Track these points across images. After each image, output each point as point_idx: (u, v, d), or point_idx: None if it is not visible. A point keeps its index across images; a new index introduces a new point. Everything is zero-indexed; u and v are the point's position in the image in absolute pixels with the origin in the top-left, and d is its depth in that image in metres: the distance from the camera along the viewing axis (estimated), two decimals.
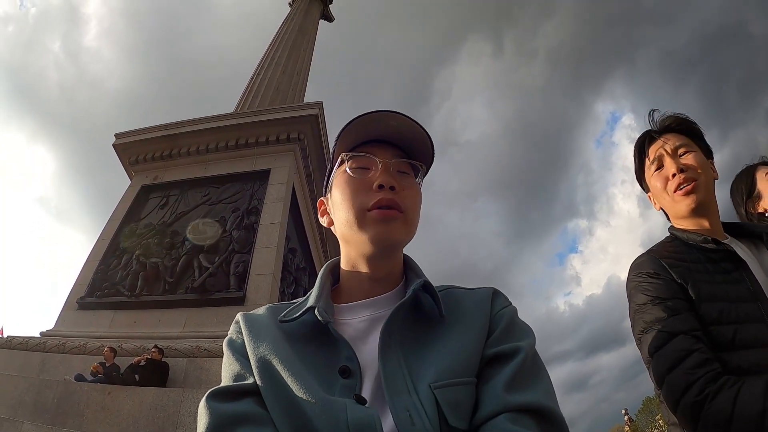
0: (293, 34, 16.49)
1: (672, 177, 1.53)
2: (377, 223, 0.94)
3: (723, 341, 1.26)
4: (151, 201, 10.29)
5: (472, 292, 1.01)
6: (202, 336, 7.30)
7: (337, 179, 1.02)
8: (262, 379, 0.84)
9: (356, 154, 1.00)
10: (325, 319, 0.89)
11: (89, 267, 9.16)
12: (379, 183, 0.95)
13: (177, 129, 11.05)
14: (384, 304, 0.96)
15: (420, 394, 0.80)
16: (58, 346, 7.44)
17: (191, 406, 5.33)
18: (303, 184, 11.16)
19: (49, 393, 5.68)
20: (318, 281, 1.01)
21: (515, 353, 0.85)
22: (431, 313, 0.95)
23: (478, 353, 0.87)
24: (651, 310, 1.37)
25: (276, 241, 8.68)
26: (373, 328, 0.92)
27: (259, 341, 0.90)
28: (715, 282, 1.36)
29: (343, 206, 0.98)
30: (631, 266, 1.54)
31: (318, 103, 11.05)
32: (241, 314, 1.00)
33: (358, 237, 0.96)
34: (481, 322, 0.92)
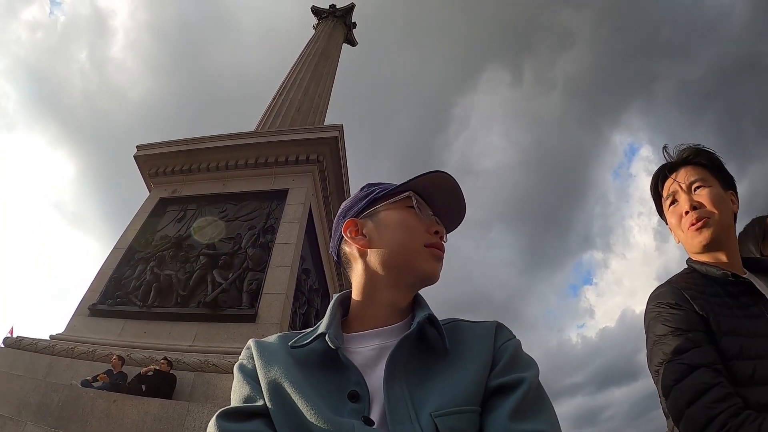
0: (316, 57, 16.70)
1: (685, 214, 1.53)
2: (433, 259, 1.05)
3: (742, 377, 1.25)
4: (168, 214, 10.37)
5: (476, 325, 1.03)
6: (212, 351, 7.30)
7: (395, 210, 1.08)
8: (272, 401, 0.87)
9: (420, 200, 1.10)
10: (335, 344, 0.92)
11: (103, 274, 9.20)
12: (437, 230, 1.08)
13: (198, 144, 11.19)
14: (392, 334, 0.99)
15: (421, 422, 0.82)
16: (67, 351, 7.46)
17: (196, 421, 5.30)
18: (320, 205, 11.20)
19: (54, 396, 5.66)
20: (329, 311, 1.04)
21: (520, 384, 0.87)
22: (436, 344, 0.97)
23: (481, 383, 0.89)
24: (671, 342, 1.35)
25: (290, 260, 8.68)
26: (382, 356, 0.94)
27: (270, 365, 0.93)
28: (735, 316, 1.35)
29: (404, 233, 1.05)
30: (651, 296, 1.52)
31: (338, 126, 11.12)
32: (252, 341, 1.04)
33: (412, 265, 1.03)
34: (485, 354, 0.94)
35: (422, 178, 1.09)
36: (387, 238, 1.05)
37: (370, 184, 1.18)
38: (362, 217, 1.11)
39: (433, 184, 1.11)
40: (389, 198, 1.10)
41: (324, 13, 19.87)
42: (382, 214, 1.09)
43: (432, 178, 1.10)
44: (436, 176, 1.10)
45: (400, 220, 1.06)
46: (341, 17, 19.93)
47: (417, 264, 1.03)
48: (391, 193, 1.11)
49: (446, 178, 1.10)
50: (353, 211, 1.13)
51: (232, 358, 6.87)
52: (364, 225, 1.10)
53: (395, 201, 1.09)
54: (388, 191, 1.11)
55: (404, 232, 1.05)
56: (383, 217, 1.08)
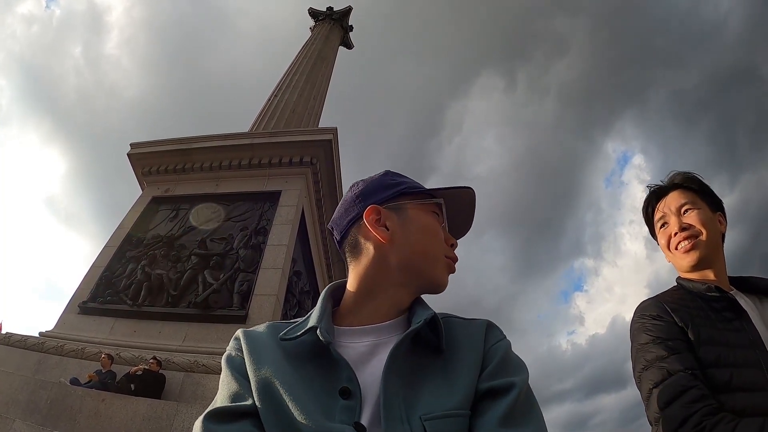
0: (312, 59, 16.71)
1: (674, 235, 1.63)
2: (446, 272, 1.06)
3: (719, 383, 1.32)
4: (160, 213, 10.36)
5: (468, 324, 1.02)
6: (201, 351, 7.30)
7: (423, 212, 1.08)
8: (262, 401, 0.85)
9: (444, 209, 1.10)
10: (326, 339, 0.90)
11: (94, 272, 9.18)
12: (453, 243, 1.11)
13: (191, 144, 11.18)
14: (387, 331, 0.97)
15: (412, 424, 0.81)
16: (56, 348, 7.44)
17: (185, 421, 5.30)
18: (313, 208, 11.22)
19: (43, 393, 5.66)
20: (320, 302, 1.03)
21: (510, 388, 0.86)
22: (430, 343, 0.96)
23: (472, 386, 0.88)
24: (652, 349, 1.44)
25: (282, 262, 8.70)
26: (376, 353, 0.93)
27: (261, 361, 0.91)
28: (716, 328, 1.43)
29: (430, 240, 1.05)
30: (636, 309, 1.61)
31: (333, 129, 11.16)
32: (241, 331, 1.02)
33: (430, 271, 1.04)
34: (476, 356, 0.93)
35: (454, 190, 1.11)
36: (412, 238, 1.03)
37: (393, 173, 1.16)
38: (386, 207, 1.07)
39: (456, 197, 1.12)
40: (418, 198, 1.09)
41: (321, 15, 19.88)
42: (410, 212, 1.07)
43: (460, 192, 1.12)
44: (465, 192, 1.12)
45: (428, 225, 1.06)
46: (338, 20, 19.95)
47: (434, 272, 1.04)
48: (421, 193, 1.10)
49: (470, 195, 1.13)
50: (376, 198, 1.09)
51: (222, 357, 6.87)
52: (389, 217, 1.05)
53: (424, 203, 1.09)
54: (419, 191, 1.11)
55: (431, 238, 1.05)
56: (411, 215, 1.06)
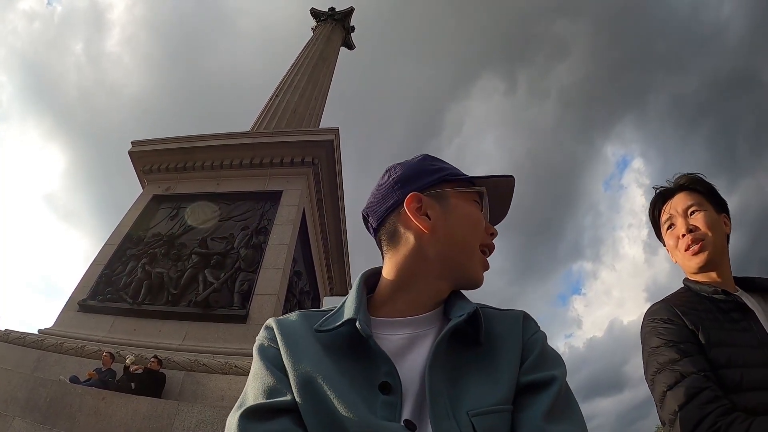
0: (314, 59, 16.70)
1: (682, 237, 1.65)
2: (482, 268, 1.03)
3: (730, 384, 1.33)
4: (161, 211, 10.35)
5: (503, 315, 1.00)
6: (202, 351, 7.30)
7: (465, 200, 1.05)
8: (303, 396, 0.81)
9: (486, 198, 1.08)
10: (366, 332, 0.87)
11: (94, 270, 9.17)
12: (494, 231, 1.07)
13: (193, 142, 11.18)
14: (425, 323, 0.95)
15: (459, 420, 0.79)
16: (56, 346, 7.42)
17: (185, 420, 5.29)
18: (314, 208, 11.22)
19: (42, 391, 5.63)
20: (354, 290, 0.99)
21: (551, 382, 0.86)
22: (469, 336, 0.93)
23: (513, 380, 0.87)
24: (665, 352, 1.45)
25: (283, 262, 8.70)
26: (414, 346, 0.91)
27: (299, 354, 0.88)
28: (725, 329, 1.45)
29: (470, 230, 1.02)
30: (646, 313, 1.62)
31: (334, 129, 11.15)
32: (273, 319, 0.98)
33: (466, 265, 1.01)
34: (515, 348, 0.92)
35: (496, 179, 1.08)
36: (453, 228, 1.00)
37: (432, 157, 1.13)
38: (427, 195, 1.03)
39: (497, 185, 1.09)
40: (460, 185, 1.06)
41: (323, 15, 19.87)
42: (452, 201, 1.03)
43: (500, 181, 1.09)
44: (505, 180, 1.09)
45: (469, 214, 1.03)
46: (340, 20, 19.94)
47: (471, 266, 1.01)
48: (463, 181, 1.07)
49: (510, 183, 1.10)
50: (416, 184, 1.05)
51: (222, 359, 6.90)
52: (430, 205, 1.02)
53: (466, 191, 1.05)
54: (462, 178, 1.07)
55: (471, 228, 1.02)
56: (454, 204, 1.03)
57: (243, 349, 7.24)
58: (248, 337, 7.56)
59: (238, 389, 6.27)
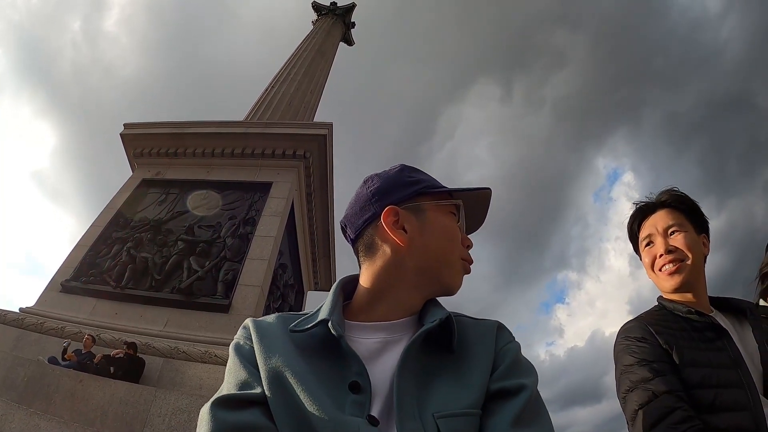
0: (312, 53, 16.62)
1: (659, 257, 1.64)
2: (461, 275, 1.06)
3: (704, 404, 1.35)
4: (150, 195, 10.27)
5: (477, 324, 1.01)
6: (182, 338, 7.27)
7: (441, 213, 1.06)
8: (272, 390, 0.84)
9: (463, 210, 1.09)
10: (338, 332, 0.89)
11: (78, 251, 9.10)
12: (469, 243, 1.09)
13: (185, 128, 11.11)
14: (399, 329, 0.97)
15: (424, 421, 0.81)
16: (36, 325, 7.36)
17: (162, 407, 5.29)
18: (303, 202, 11.19)
19: (20, 371, 5.61)
20: (331, 295, 1.01)
21: (521, 389, 0.87)
22: (441, 343, 0.95)
23: (483, 386, 0.88)
24: (637, 371, 1.46)
25: (269, 254, 8.68)
26: (386, 350, 0.93)
27: (271, 351, 0.90)
28: (699, 349, 1.46)
29: (447, 243, 1.04)
30: (620, 330, 1.63)
31: (328, 124, 11.13)
32: (250, 320, 1.00)
33: (445, 273, 1.03)
34: (487, 356, 0.93)
35: (473, 192, 1.09)
36: (430, 242, 1.01)
37: (410, 168, 1.13)
38: (404, 208, 1.04)
39: (474, 197, 1.10)
40: (437, 198, 1.07)
41: (324, 9, 19.77)
42: (428, 213, 1.04)
43: (479, 194, 1.10)
44: (484, 193, 1.10)
45: (446, 228, 1.04)
46: (341, 15, 19.87)
47: (449, 276, 1.03)
48: (440, 194, 1.08)
49: (486, 195, 1.11)
50: (393, 197, 1.05)
51: (203, 347, 6.88)
52: (407, 219, 1.03)
53: (443, 204, 1.07)
54: (439, 191, 1.08)
55: (448, 240, 1.03)
56: (430, 217, 1.04)
57: (224, 339, 7.21)
58: (230, 326, 7.55)
59: (216, 378, 6.26)
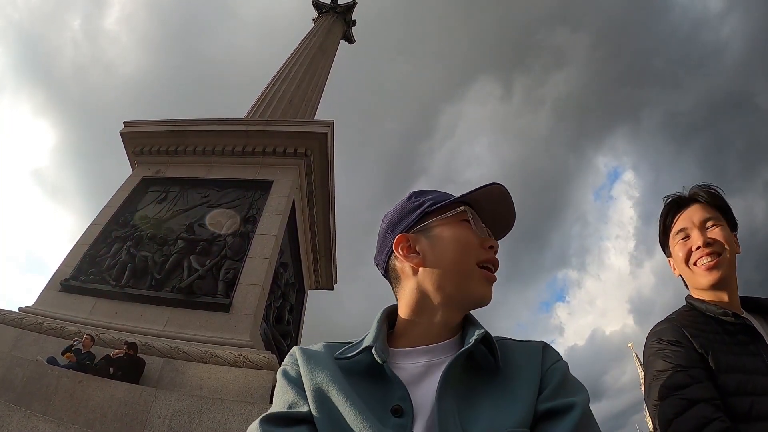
0: (313, 50, 16.59)
1: (696, 249, 1.56)
2: (485, 283, 1.01)
3: (740, 413, 1.29)
4: (150, 194, 10.24)
5: (523, 345, 1.01)
6: (183, 338, 7.22)
7: (450, 225, 1.05)
8: (317, 408, 0.86)
9: (474, 213, 1.06)
10: (382, 358, 0.90)
11: (78, 250, 9.05)
12: (492, 244, 1.04)
13: (186, 126, 11.06)
14: (441, 351, 0.97)
15: None
16: (35, 325, 7.33)
17: (162, 408, 5.25)
18: (303, 200, 11.15)
19: (18, 371, 5.57)
20: (375, 323, 1.03)
21: (570, 408, 0.85)
22: (486, 364, 0.95)
23: (530, 407, 0.87)
24: (672, 377, 1.39)
25: (269, 252, 8.63)
26: (429, 373, 0.92)
27: (316, 372, 0.92)
28: (733, 354, 1.39)
29: (459, 252, 1.01)
30: (651, 333, 1.56)
31: (329, 122, 11.07)
32: (297, 348, 1.02)
33: (463, 287, 1.00)
34: (534, 376, 0.92)
35: (477, 192, 1.06)
36: (442, 256, 1.01)
37: (417, 193, 1.14)
38: (414, 232, 1.06)
39: (486, 195, 1.07)
40: (443, 212, 1.06)
41: (325, 7, 19.74)
42: (436, 230, 1.05)
43: (488, 191, 1.07)
44: (493, 189, 1.06)
45: (455, 237, 1.03)
46: (342, 13, 19.84)
47: (470, 287, 1.00)
48: (444, 206, 1.07)
49: (500, 189, 1.07)
50: (403, 225, 1.08)
51: (204, 347, 6.85)
52: (417, 241, 1.05)
53: (449, 215, 1.06)
54: (442, 205, 1.07)
55: (459, 250, 1.01)
56: (438, 233, 1.04)
57: (224, 338, 7.21)
58: (230, 326, 7.53)
59: (217, 378, 6.23)
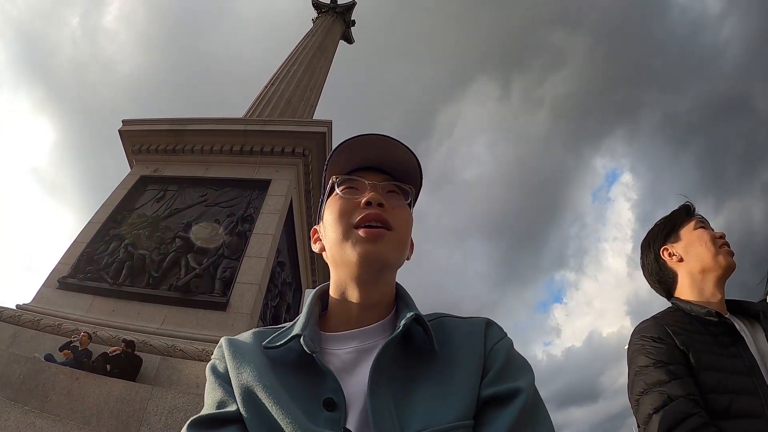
0: (312, 50, 16.62)
1: (719, 237, 1.68)
2: (364, 242, 0.91)
3: (718, 409, 1.34)
4: (148, 192, 10.26)
5: (464, 322, 0.97)
6: (180, 336, 7.25)
7: (328, 203, 1.01)
8: (245, 407, 0.82)
9: (347, 177, 1.00)
10: (311, 349, 0.86)
11: (76, 248, 9.08)
12: (367, 200, 0.94)
13: (184, 125, 11.09)
14: (372, 335, 0.92)
15: None
16: (32, 322, 7.35)
17: (158, 405, 5.26)
18: (301, 200, 11.18)
19: (16, 368, 5.57)
20: (306, 307, 0.98)
21: (515, 394, 0.81)
22: (422, 346, 0.91)
23: (472, 393, 0.83)
24: (653, 373, 1.44)
25: (267, 252, 8.66)
26: (361, 360, 0.89)
27: (243, 367, 0.88)
28: (715, 353, 1.44)
29: (332, 226, 0.96)
30: (635, 330, 1.61)
31: (327, 122, 11.08)
32: (224, 339, 0.98)
33: (345, 256, 0.93)
34: (475, 357, 0.88)
35: (333, 158, 1.01)
36: (328, 235, 0.98)
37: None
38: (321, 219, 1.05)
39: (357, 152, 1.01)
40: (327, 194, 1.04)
41: (324, 7, 19.78)
42: (324, 211, 1.02)
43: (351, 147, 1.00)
44: (354, 143, 1.00)
45: (330, 213, 0.98)
46: (341, 13, 19.88)
47: (347, 252, 0.92)
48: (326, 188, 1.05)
49: (366, 138, 1.00)
50: (318, 217, 1.09)
51: (200, 345, 6.86)
52: (321, 228, 1.04)
53: (328, 193, 1.03)
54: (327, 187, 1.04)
55: (333, 224, 0.96)
56: (324, 214, 1.02)
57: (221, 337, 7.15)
58: (227, 324, 7.55)
59: None
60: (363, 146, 1.00)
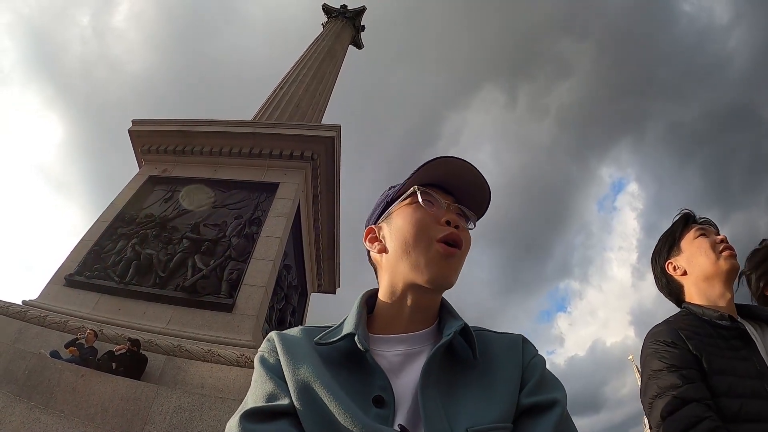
0: (322, 54, 16.63)
1: (719, 242, 1.70)
2: (441, 258, 0.97)
3: (729, 413, 1.35)
4: (156, 192, 10.27)
5: (502, 337, 1.03)
6: (185, 336, 7.24)
7: (404, 208, 1.05)
8: (301, 401, 0.84)
9: (426, 190, 1.04)
10: (364, 347, 0.90)
11: (83, 246, 9.08)
12: (447, 219, 1.01)
13: (193, 127, 11.11)
14: (419, 341, 0.98)
15: None
16: (38, 319, 7.33)
17: (163, 405, 5.25)
18: (309, 203, 11.17)
19: (21, 363, 5.58)
20: (355, 309, 1.02)
21: (554, 405, 0.87)
22: (464, 355, 0.96)
23: (512, 400, 0.88)
24: (666, 377, 1.45)
25: (274, 254, 8.66)
26: (407, 363, 0.93)
27: (298, 362, 0.91)
28: (726, 357, 1.46)
29: (410, 232, 1.00)
30: (649, 334, 1.63)
31: (336, 127, 11.08)
32: (275, 333, 1.01)
33: (416, 263, 0.98)
34: (515, 370, 0.94)
35: (423, 169, 1.05)
36: (398, 240, 1.02)
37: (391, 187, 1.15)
38: (380, 222, 1.10)
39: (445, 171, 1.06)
40: (399, 197, 1.08)
41: (334, 12, 19.82)
42: (394, 216, 1.06)
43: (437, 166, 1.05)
44: (440, 162, 1.05)
45: (406, 219, 1.03)
46: (351, 18, 19.91)
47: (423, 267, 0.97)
48: (401, 192, 1.08)
49: (453, 161, 1.05)
50: (373, 218, 1.13)
51: (206, 346, 6.85)
52: (381, 229, 1.09)
53: (405, 198, 1.07)
54: (399, 190, 1.09)
55: (409, 228, 1.00)
56: (395, 218, 1.06)
57: (227, 338, 7.22)
58: (233, 326, 7.54)
59: (218, 377, 6.24)
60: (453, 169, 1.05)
